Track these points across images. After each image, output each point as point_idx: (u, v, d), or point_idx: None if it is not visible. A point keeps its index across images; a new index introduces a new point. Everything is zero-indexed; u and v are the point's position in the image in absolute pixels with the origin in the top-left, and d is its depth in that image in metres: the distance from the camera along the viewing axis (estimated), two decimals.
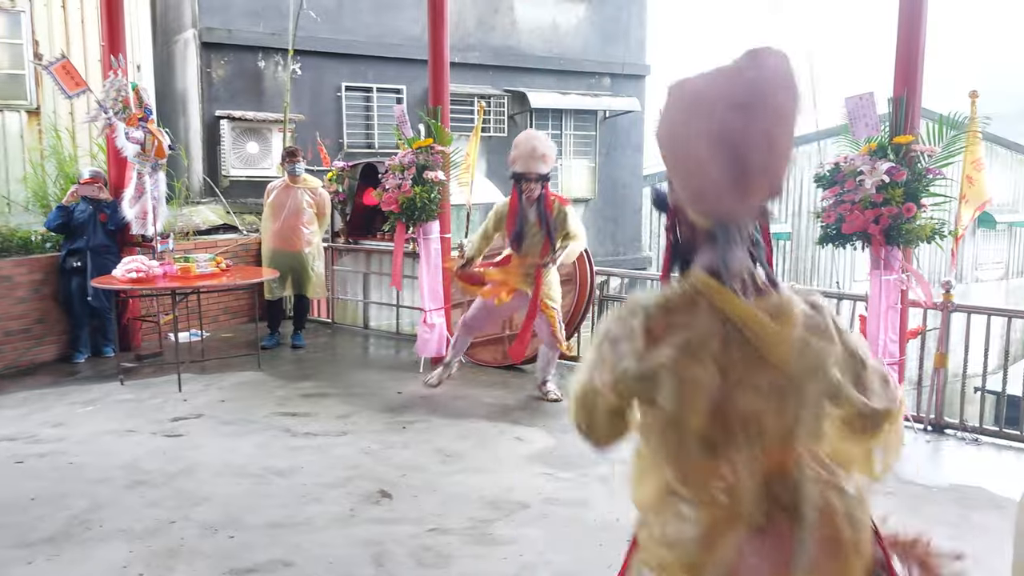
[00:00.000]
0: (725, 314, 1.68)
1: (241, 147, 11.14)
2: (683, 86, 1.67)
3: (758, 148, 1.64)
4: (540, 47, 14.13)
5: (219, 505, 4.09)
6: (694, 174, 1.67)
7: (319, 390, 6.18)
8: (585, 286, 6.66)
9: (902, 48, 5.14)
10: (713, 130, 1.62)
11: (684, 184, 1.71)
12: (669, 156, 1.71)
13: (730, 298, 1.69)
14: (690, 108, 1.64)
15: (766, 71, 1.64)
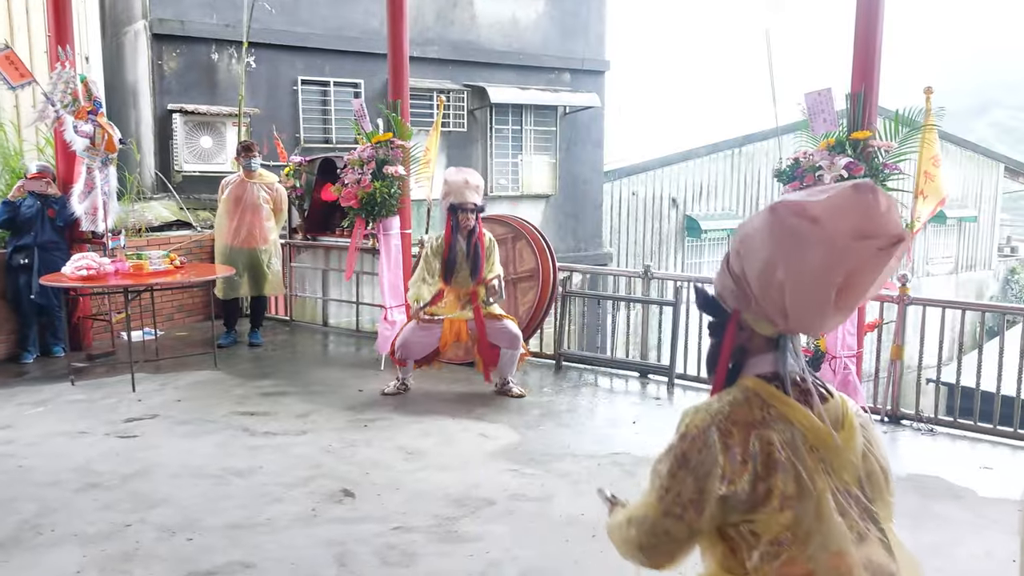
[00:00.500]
0: (793, 423, 1.69)
1: (194, 141, 10.92)
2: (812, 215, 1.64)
3: (875, 285, 1.69)
4: (500, 42, 14.09)
5: (176, 507, 3.99)
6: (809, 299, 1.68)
7: (278, 388, 6.07)
8: (548, 282, 6.65)
9: (860, 45, 5.20)
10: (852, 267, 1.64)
11: (788, 303, 1.69)
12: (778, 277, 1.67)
13: (798, 408, 1.71)
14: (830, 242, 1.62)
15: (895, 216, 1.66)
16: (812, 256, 1.64)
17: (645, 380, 6.52)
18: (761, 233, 1.70)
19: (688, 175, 16.55)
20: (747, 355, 1.79)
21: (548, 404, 5.83)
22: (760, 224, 1.71)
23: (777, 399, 1.71)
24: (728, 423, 1.70)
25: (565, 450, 4.85)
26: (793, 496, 1.66)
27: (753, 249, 1.72)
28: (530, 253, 6.71)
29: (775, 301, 1.71)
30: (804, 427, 1.70)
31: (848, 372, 5.31)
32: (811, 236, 1.63)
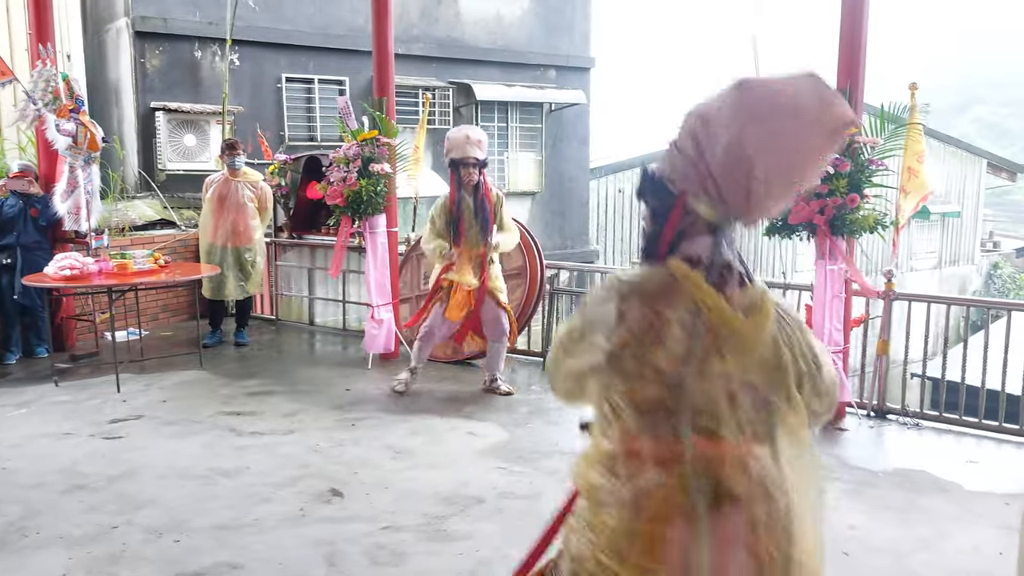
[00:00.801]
0: (698, 304, 1.71)
1: (178, 140, 10.83)
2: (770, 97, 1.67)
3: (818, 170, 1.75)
4: (485, 39, 14.06)
5: (163, 508, 3.95)
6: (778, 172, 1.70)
7: (264, 388, 6.04)
8: (535, 280, 6.64)
9: (845, 41, 5.22)
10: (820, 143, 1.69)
11: (736, 186, 1.71)
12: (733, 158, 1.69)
13: (707, 290, 1.72)
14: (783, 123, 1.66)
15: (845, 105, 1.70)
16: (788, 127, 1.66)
17: None
18: (728, 111, 1.69)
19: None
20: (682, 238, 1.78)
21: (536, 402, 5.82)
22: (725, 103, 1.70)
23: (689, 280, 1.73)
24: (631, 292, 1.76)
25: (553, 447, 4.85)
26: (672, 372, 1.70)
27: (717, 128, 1.70)
28: (517, 251, 6.69)
29: (737, 179, 1.70)
30: (708, 309, 1.70)
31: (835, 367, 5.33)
32: (785, 109, 1.66)
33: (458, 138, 5.62)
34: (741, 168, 1.68)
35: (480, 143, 5.65)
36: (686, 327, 1.71)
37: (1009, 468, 4.76)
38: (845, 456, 4.80)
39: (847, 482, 4.34)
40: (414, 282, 7.16)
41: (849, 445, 5.04)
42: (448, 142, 5.67)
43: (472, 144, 5.59)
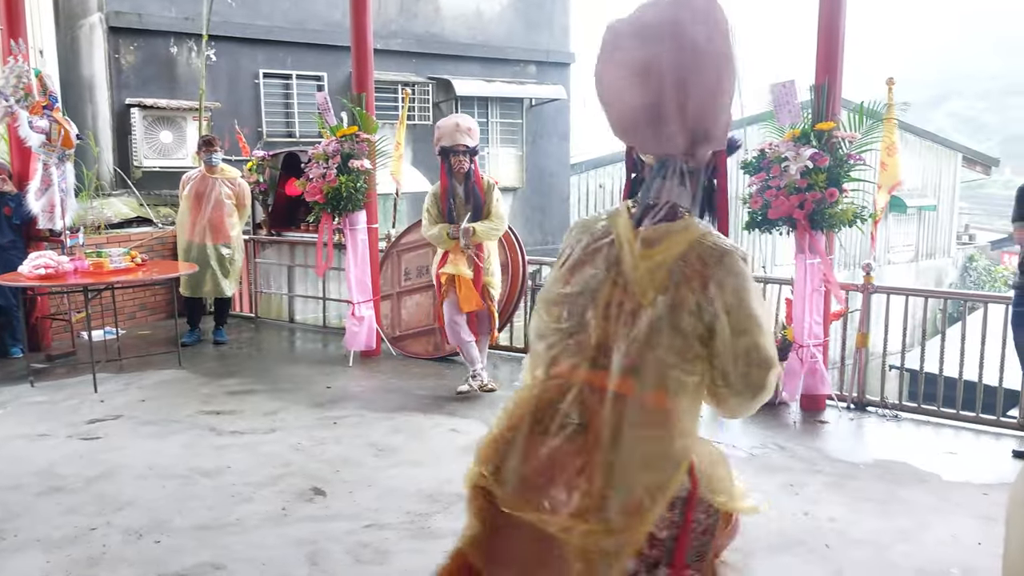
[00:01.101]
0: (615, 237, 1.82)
1: (154, 136, 10.71)
2: (611, 24, 1.78)
3: (669, 83, 1.70)
4: (464, 34, 14.02)
5: (143, 509, 3.91)
6: (612, 106, 1.81)
7: (244, 387, 5.99)
8: (517, 276, 6.63)
9: (823, 37, 5.24)
10: (623, 59, 1.74)
11: (608, 117, 1.84)
12: (597, 92, 1.83)
13: (621, 220, 1.84)
14: (608, 42, 1.77)
15: (683, 9, 1.70)
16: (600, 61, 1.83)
17: None
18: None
19: None
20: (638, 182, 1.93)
21: None
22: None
23: (613, 215, 1.87)
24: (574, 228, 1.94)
25: None
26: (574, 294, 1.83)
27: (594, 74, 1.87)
28: (499, 246, 6.67)
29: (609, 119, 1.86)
30: (619, 240, 1.81)
31: (815, 360, 5.37)
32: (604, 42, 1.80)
33: (448, 126, 5.59)
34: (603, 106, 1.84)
35: (470, 131, 5.61)
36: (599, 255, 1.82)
37: (987, 458, 4.81)
38: (826, 448, 4.84)
39: (828, 474, 4.37)
40: (395, 279, 7.13)
41: (829, 437, 5.07)
42: (438, 130, 5.63)
43: (462, 132, 5.55)
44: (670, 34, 1.69)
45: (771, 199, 5.13)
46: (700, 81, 1.71)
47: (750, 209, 5.29)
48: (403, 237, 7.23)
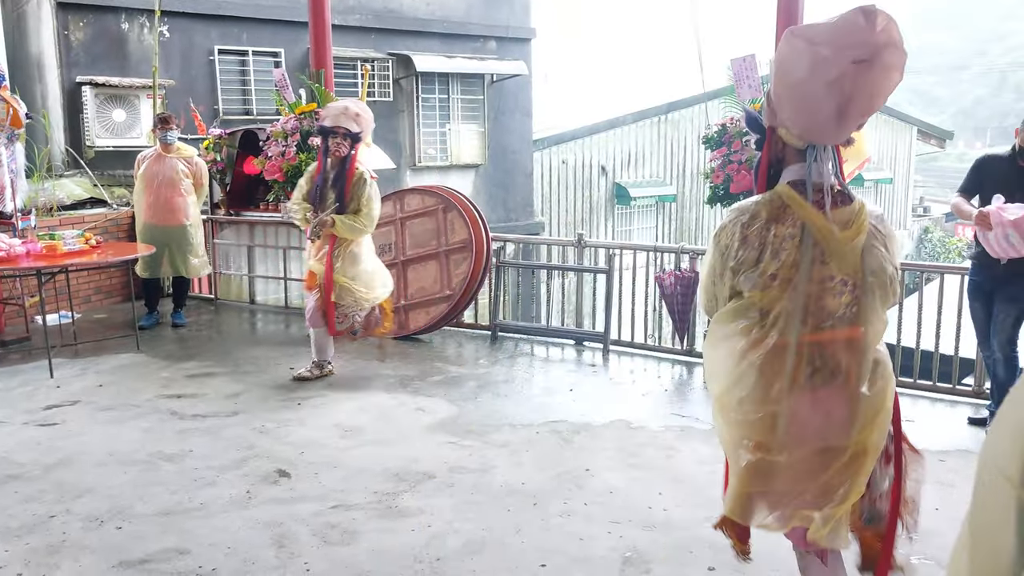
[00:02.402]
0: (803, 221, 2.19)
1: (106, 115, 10.44)
2: (807, 36, 2.11)
3: (865, 95, 2.14)
4: (423, 9, 13.84)
5: (104, 496, 3.84)
6: (808, 109, 2.18)
7: (205, 369, 5.90)
8: (481, 253, 6.60)
9: (782, 11, 5.26)
10: (833, 78, 2.09)
11: (795, 114, 2.21)
12: (786, 91, 2.20)
13: (808, 210, 2.20)
14: (815, 56, 2.09)
15: (881, 34, 2.08)
16: (798, 69, 2.13)
17: (580, 348, 6.56)
18: (781, 53, 2.20)
19: (616, 143, 16.65)
20: (782, 164, 2.30)
21: (484, 375, 5.81)
22: (782, 46, 2.20)
23: (794, 201, 2.22)
24: (750, 218, 2.22)
25: (503, 420, 4.85)
26: (787, 279, 2.19)
27: (776, 69, 2.23)
28: (462, 224, 6.65)
29: (786, 112, 2.23)
30: (812, 225, 2.19)
31: None
32: (801, 53, 2.11)
33: (336, 107, 5.45)
34: (787, 103, 2.21)
35: (358, 117, 5.42)
36: (795, 240, 2.19)
37: (943, 426, 4.92)
38: None
39: None
40: None
41: None
42: (325, 111, 5.54)
43: (348, 116, 5.37)
44: (878, 62, 2.09)
45: (732, 174, 5.16)
46: (884, 97, 2.19)
47: (712, 184, 5.32)
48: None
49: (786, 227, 2.18)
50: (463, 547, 3.38)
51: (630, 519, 3.60)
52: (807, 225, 2.18)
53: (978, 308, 4.72)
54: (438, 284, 6.66)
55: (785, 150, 2.28)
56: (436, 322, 6.65)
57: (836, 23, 2.09)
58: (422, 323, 6.66)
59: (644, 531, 3.50)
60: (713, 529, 2.57)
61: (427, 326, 6.65)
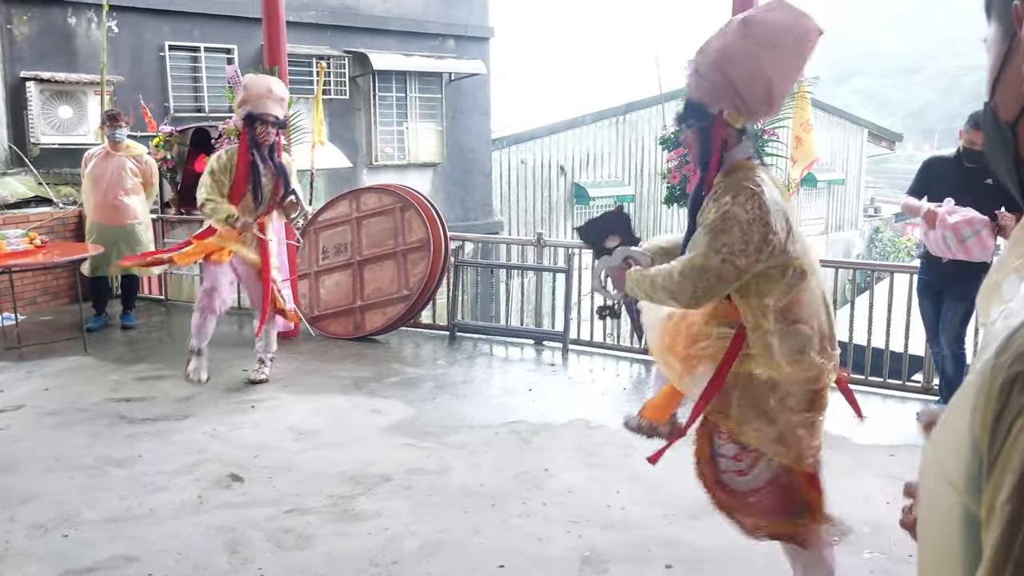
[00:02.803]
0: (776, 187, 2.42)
1: (52, 112, 10.16)
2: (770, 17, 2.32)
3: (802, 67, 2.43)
4: (380, 7, 13.73)
5: (49, 502, 3.73)
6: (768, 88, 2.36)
7: (156, 372, 5.77)
8: (439, 252, 6.56)
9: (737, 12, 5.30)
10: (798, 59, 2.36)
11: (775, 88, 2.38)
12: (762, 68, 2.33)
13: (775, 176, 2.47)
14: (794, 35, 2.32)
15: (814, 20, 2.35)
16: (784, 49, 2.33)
17: (540, 347, 6.56)
18: (741, 43, 2.32)
19: (575, 143, 16.68)
20: (727, 146, 2.43)
21: (442, 376, 5.77)
22: (735, 38, 2.33)
23: (767, 172, 2.44)
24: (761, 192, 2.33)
25: (461, 421, 4.82)
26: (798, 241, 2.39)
27: (737, 57, 2.33)
28: (420, 223, 6.60)
29: (763, 92, 2.37)
30: (779, 189, 2.43)
31: None
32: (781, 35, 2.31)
33: (259, 88, 5.06)
34: (764, 83, 2.35)
35: (283, 101, 5.15)
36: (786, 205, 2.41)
37: (893, 421, 5.00)
38: None
39: None
40: (312, 257, 6.97)
41: None
42: (246, 91, 5.08)
43: (275, 100, 5.06)
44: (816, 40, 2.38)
45: (689, 174, 5.19)
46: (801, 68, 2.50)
47: (669, 184, 5.35)
48: (320, 215, 7.07)
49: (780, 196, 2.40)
50: (420, 549, 3.34)
51: (588, 519, 3.59)
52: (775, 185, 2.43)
53: (927, 306, 4.81)
54: (395, 284, 6.60)
55: (728, 132, 2.41)
56: (393, 323, 6.58)
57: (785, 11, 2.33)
58: (379, 324, 6.60)
59: (602, 530, 3.50)
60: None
61: (384, 327, 6.59)
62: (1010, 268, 0.69)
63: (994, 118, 0.77)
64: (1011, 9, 0.71)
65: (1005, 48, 0.74)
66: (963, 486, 0.60)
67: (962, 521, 0.60)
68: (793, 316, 2.39)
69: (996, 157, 0.80)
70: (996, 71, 0.76)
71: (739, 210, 2.30)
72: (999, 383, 0.57)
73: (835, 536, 2.58)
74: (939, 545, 0.65)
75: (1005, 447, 0.55)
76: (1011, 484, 0.53)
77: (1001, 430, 0.56)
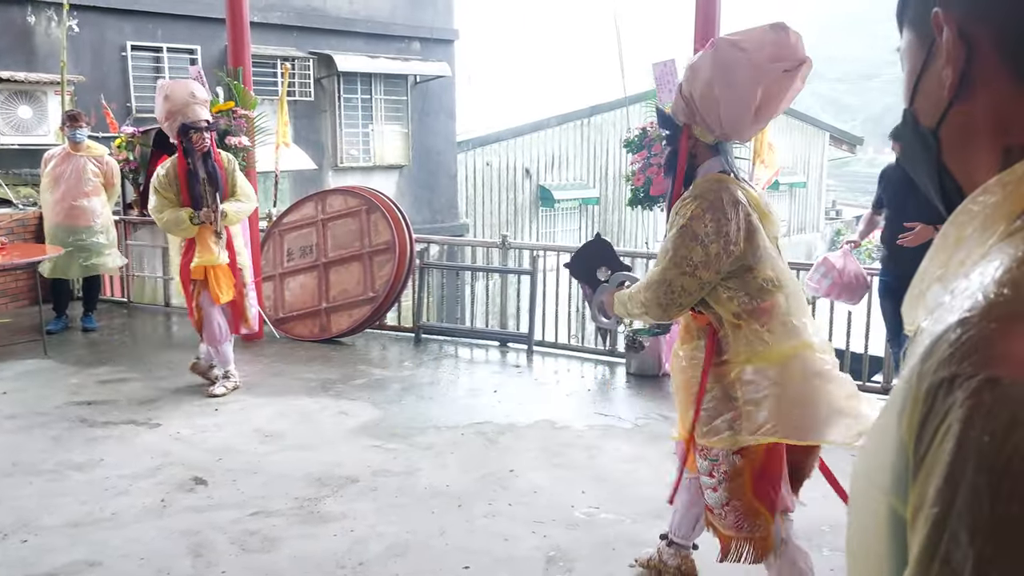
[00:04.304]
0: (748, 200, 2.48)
1: (11, 111, 9.98)
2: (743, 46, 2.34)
3: (781, 100, 2.43)
4: (346, 9, 13.68)
5: (8, 508, 3.67)
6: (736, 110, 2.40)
7: (118, 375, 5.70)
8: (404, 254, 6.56)
9: (700, 18, 5.38)
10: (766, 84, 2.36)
11: (724, 114, 2.42)
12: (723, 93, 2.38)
13: (746, 188, 2.53)
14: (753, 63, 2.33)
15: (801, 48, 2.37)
16: (740, 74, 2.35)
17: (505, 349, 6.58)
18: (705, 62, 2.40)
19: (540, 145, 16.74)
20: (696, 160, 2.53)
21: (409, 378, 5.77)
22: (704, 56, 2.41)
23: (736, 184, 2.49)
24: (719, 203, 2.41)
25: (428, 423, 4.83)
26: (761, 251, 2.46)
27: (699, 75, 2.42)
28: (385, 225, 6.59)
29: (713, 112, 2.42)
30: (753, 202, 2.50)
31: None
32: (740, 60, 2.34)
33: (182, 96, 4.92)
34: (714, 104, 2.41)
35: (206, 102, 5.09)
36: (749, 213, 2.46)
37: None
38: None
39: None
40: (277, 259, 6.93)
41: None
42: (168, 102, 4.92)
43: (200, 104, 4.98)
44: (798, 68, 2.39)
45: (653, 176, 5.25)
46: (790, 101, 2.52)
47: (633, 187, 5.41)
48: (285, 216, 7.03)
49: (746, 208, 2.45)
50: (386, 551, 3.35)
51: (553, 519, 3.62)
52: (750, 200, 2.48)
53: (888, 307, 4.92)
54: (361, 286, 6.58)
55: (697, 146, 2.51)
56: (359, 324, 6.57)
57: (766, 36, 2.34)
58: (344, 326, 6.58)
59: (567, 530, 3.53)
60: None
61: (350, 329, 6.57)
62: (933, 278, 0.70)
63: (915, 124, 0.78)
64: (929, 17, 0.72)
65: (923, 55, 0.75)
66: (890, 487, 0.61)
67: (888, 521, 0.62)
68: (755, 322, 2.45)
69: (916, 164, 0.80)
70: (915, 78, 0.77)
71: (698, 224, 2.38)
72: (924, 388, 0.58)
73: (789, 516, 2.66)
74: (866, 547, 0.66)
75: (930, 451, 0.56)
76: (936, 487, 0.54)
77: (926, 434, 0.57)
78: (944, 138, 0.75)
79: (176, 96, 4.91)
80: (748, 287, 2.45)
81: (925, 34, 0.74)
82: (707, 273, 2.38)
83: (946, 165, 0.75)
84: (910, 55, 0.78)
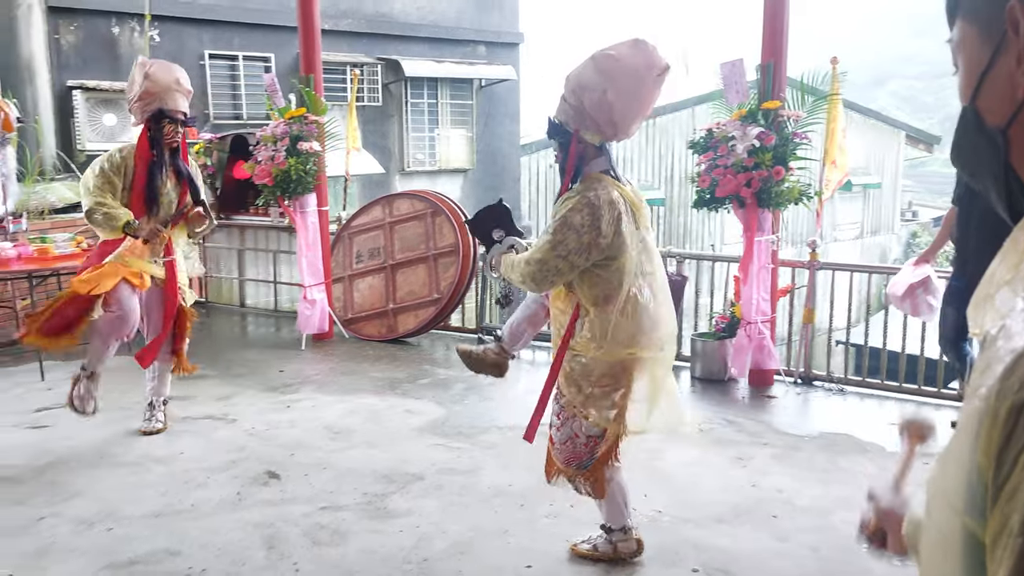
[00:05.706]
0: (623, 196, 2.92)
1: (97, 119, 10.45)
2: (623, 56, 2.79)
3: (653, 102, 2.93)
4: (414, 14, 13.89)
5: (93, 498, 3.86)
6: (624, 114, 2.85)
7: (196, 372, 5.89)
8: (468, 257, 6.65)
9: (768, 17, 5.32)
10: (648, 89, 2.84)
11: (614, 118, 2.84)
12: (606, 97, 2.79)
13: (621, 187, 2.95)
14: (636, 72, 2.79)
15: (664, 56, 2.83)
16: (627, 80, 2.79)
17: None
18: (591, 74, 2.81)
19: None
20: (584, 161, 2.94)
21: (472, 378, 5.82)
22: (588, 70, 2.83)
23: (612, 183, 2.92)
24: (597, 200, 2.83)
25: (491, 423, 4.89)
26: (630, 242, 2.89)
27: (587, 86, 2.82)
28: (450, 228, 6.69)
29: (606, 115, 2.83)
30: (627, 198, 2.94)
31: (763, 337, 5.50)
32: (623, 68, 2.78)
33: (166, 81, 4.32)
34: (607, 108, 2.81)
35: (189, 94, 4.49)
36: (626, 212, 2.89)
37: None
38: (773, 422, 4.97)
39: (775, 447, 4.50)
40: (346, 262, 7.10)
41: (777, 411, 5.21)
42: (149, 80, 4.29)
43: (183, 93, 4.40)
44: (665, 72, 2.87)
45: (719, 178, 5.21)
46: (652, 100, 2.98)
47: (698, 188, 5.37)
48: (354, 220, 7.20)
49: (618, 205, 2.86)
50: (450, 548, 3.41)
51: None
52: (624, 198, 2.91)
53: (949, 312, 4.65)
54: (426, 288, 6.70)
55: (586, 149, 2.92)
56: (425, 325, 6.68)
57: (635, 48, 2.79)
58: (411, 326, 6.70)
59: None
60: None
61: (416, 329, 6.69)
62: (1002, 281, 0.68)
63: (979, 123, 0.73)
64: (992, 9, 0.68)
65: (990, 50, 0.70)
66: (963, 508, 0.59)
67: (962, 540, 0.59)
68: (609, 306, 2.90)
69: (978, 165, 0.75)
70: (979, 74, 0.72)
71: (576, 216, 2.82)
72: (1006, 407, 0.55)
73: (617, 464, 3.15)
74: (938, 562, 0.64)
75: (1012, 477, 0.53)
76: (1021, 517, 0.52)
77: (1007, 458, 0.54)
78: (1014, 138, 0.70)
79: (159, 79, 4.31)
80: (610, 276, 2.88)
81: (991, 27, 0.70)
82: (578, 259, 2.83)
83: (1013, 166, 0.71)
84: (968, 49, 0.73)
